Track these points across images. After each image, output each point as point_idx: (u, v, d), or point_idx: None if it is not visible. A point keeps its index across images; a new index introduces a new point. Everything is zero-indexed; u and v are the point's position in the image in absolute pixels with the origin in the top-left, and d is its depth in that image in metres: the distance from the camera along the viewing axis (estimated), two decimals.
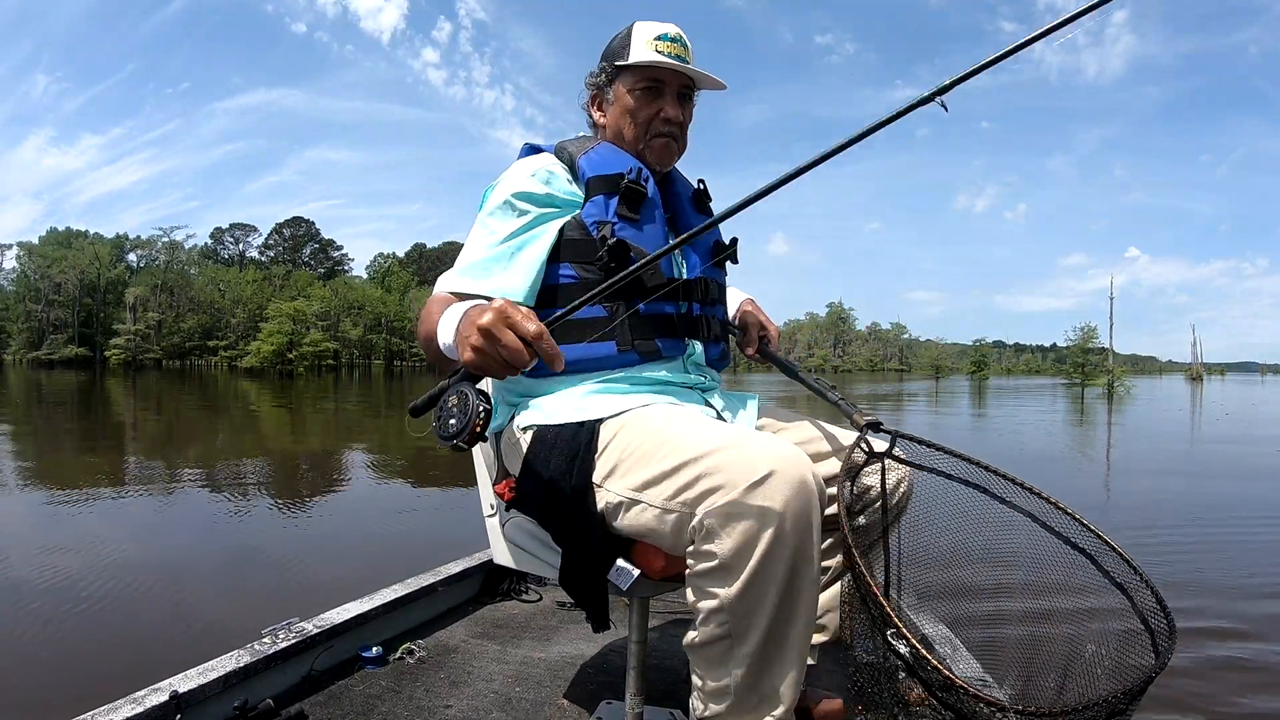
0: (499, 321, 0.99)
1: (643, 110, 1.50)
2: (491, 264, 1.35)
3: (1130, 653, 1.10)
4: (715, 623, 1.10)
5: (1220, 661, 2.96)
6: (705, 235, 1.53)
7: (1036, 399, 30.04)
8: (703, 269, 1.53)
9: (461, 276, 1.34)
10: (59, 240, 71.53)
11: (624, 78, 1.51)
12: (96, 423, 13.95)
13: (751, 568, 1.05)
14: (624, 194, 1.42)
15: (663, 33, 1.49)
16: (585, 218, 1.41)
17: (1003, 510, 1.28)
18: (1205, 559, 4.56)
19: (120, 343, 65.53)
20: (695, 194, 1.61)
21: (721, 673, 1.12)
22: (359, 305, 75.28)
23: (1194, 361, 75.95)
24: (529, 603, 2.46)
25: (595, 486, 1.26)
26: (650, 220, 1.44)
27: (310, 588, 3.88)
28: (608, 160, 1.46)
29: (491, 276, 1.33)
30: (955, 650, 1.82)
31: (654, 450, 1.20)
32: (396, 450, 9.92)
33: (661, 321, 1.42)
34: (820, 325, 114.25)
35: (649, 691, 1.51)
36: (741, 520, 1.05)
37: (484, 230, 1.39)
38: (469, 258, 1.36)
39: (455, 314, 1.15)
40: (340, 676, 1.84)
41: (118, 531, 5.00)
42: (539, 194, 1.40)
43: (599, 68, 1.55)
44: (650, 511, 1.18)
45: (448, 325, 1.15)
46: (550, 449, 1.31)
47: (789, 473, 1.06)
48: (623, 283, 1.17)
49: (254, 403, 20.46)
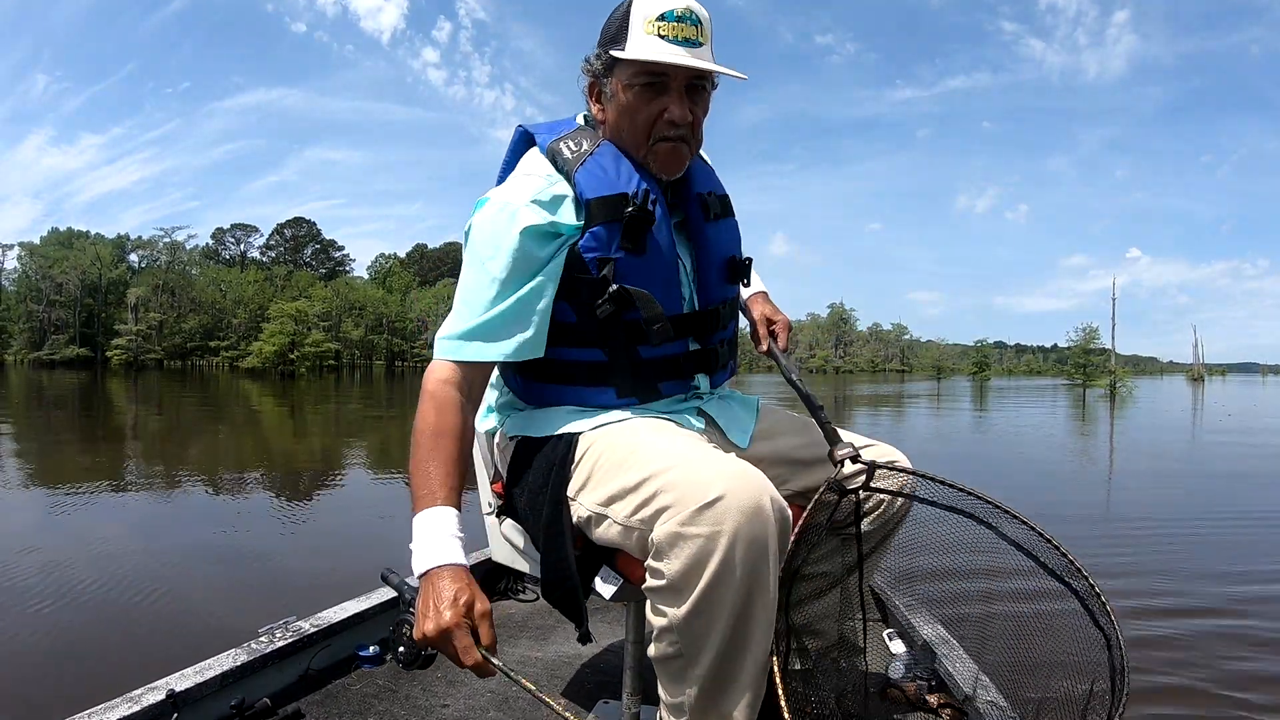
0: (453, 633, 1.00)
1: (642, 110, 1.28)
2: (500, 326, 1.21)
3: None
4: (667, 641, 1.08)
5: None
6: (720, 248, 1.40)
7: (1040, 400, 30.03)
8: (717, 289, 1.39)
9: (472, 343, 1.21)
10: (60, 240, 71.65)
11: (621, 69, 1.27)
12: (97, 423, 13.96)
13: (699, 592, 1.02)
14: (628, 223, 1.25)
15: (667, 10, 1.24)
16: (584, 251, 1.24)
17: (987, 534, 1.28)
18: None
19: (122, 343, 65.56)
20: (712, 197, 1.42)
21: (677, 690, 1.10)
22: (360, 306, 75.33)
23: (1195, 362, 75.95)
24: (526, 602, 2.46)
25: (570, 500, 1.24)
26: (658, 250, 1.28)
27: (307, 587, 3.88)
28: (608, 175, 1.27)
29: (503, 341, 1.21)
30: (952, 651, 1.82)
31: (619, 465, 1.17)
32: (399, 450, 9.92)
33: (667, 364, 1.31)
34: (822, 326, 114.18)
35: (645, 691, 1.51)
36: (688, 543, 1.02)
37: (484, 276, 1.22)
38: (475, 314, 1.21)
39: (426, 537, 1.07)
40: (337, 675, 1.84)
41: (116, 531, 5.01)
42: (543, 226, 1.22)
43: (595, 53, 1.31)
44: (616, 527, 1.15)
45: (420, 542, 1.07)
46: (531, 460, 1.30)
47: (741, 497, 1.02)
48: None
49: (257, 403, 20.49)
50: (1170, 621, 3.42)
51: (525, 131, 1.39)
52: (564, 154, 1.29)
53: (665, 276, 1.29)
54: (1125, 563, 4.43)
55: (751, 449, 1.38)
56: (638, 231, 1.25)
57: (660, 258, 1.28)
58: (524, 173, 1.31)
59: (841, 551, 1.40)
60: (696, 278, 1.37)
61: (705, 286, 1.37)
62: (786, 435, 1.44)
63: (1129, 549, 4.80)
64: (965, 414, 19.55)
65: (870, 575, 1.52)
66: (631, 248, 1.25)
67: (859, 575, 1.41)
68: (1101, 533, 5.41)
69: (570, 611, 1.28)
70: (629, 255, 1.25)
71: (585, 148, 1.30)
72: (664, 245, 1.29)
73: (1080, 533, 5.16)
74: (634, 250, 1.25)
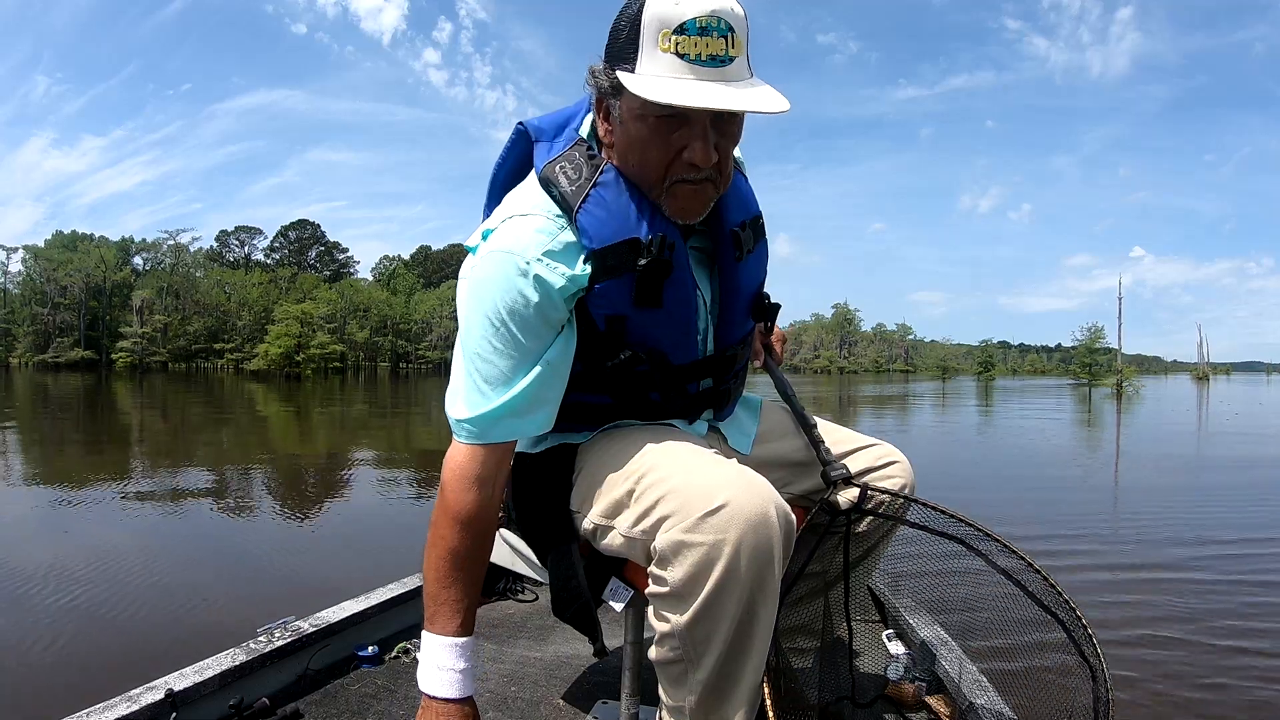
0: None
1: (655, 148, 1.06)
2: (531, 399, 1.10)
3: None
4: (669, 646, 1.07)
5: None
6: (748, 286, 1.25)
7: (1048, 400, 29.96)
8: (738, 329, 1.27)
9: (501, 422, 1.10)
10: (64, 243, 71.92)
11: (631, 94, 1.03)
12: (101, 425, 14.01)
13: (703, 599, 1.00)
14: (641, 275, 1.09)
15: (688, 19, 0.99)
16: (591, 305, 1.11)
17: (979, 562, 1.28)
18: None
19: (126, 345, 65.84)
20: (746, 231, 1.23)
21: (679, 694, 1.10)
22: (365, 308, 75.44)
23: (1200, 361, 75.64)
24: (525, 603, 2.46)
25: (574, 513, 1.23)
26: (675, 303, 1.14)
27: (306, 586, 3.89)
28: (614, 216, 1.09)
29: (534, 414, 1.12)
30: (951, 652, 1.81)
31: (619, 474, 1.14)
32: (403, 450, 9.95)
33: (677, 404, 1.24)
34: (826, 326, 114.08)
35: (644, 692, 1.50)
36: (692, 550, 0.99)
37: (501, 343, 1.08)
38: (499, 387, 1.09)
39: (436, 662, 1.10)
40: (336, 675, 1.84)
41: (115, 530, 5.02)
42: (561, 284, 1.08)
43: (602, 65, 1.09)
44: (620, 538, 1.13)
45: (430, 663, 1.11)
46: (531, 476, 1.28)
47: (746, 504, 0.99)
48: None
49: (264, 405, 20.53)
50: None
51: (524, 130, 1.22)
52: (561, 184, 1.11)
53: (684, 329, 1.18)
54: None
55: (753, 453, 1.36)
56: (652, 284, 1.10)
57: (678, 310, 1.15)
58: (523, 211, 1.12)
59: (834, 555, 1.40)
60: (717, 317, 1.23)
61: (725, 326, 1.24)
62: (788, 437, 1.42)
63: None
64: (984, 420, 19.15)
65: (869, 576, 1.52)
66: (645, 303, 1.11)
67: (844, 579, 1.41)
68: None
69: (584, 627, 1.26)
70: (643, 311, 1.12)
71: (585, 175, 1.11)
72: (682, 297, 1.15)
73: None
74: (648, 304, 1.11)
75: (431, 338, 76.65)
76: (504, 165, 1.27)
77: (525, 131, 1.22)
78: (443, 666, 1.11)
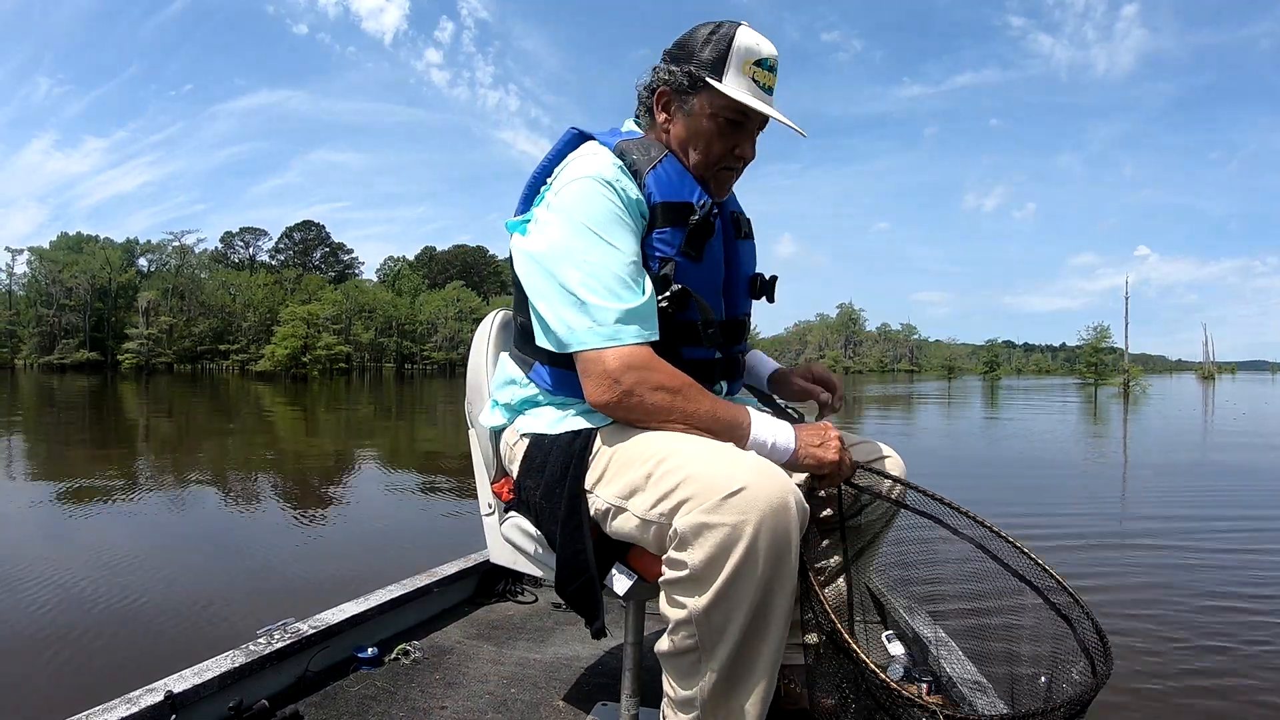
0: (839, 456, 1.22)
1: (721, 142, 1.35)
2: (652, 303, 1.25)
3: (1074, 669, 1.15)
4: (684, 633, 1.10)
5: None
6: (745, 264, 1.48)
7: (1055, 399, 29.80)
8: (741, 303, 1.48)
9: (650, 321, 1.23)
10: (70, 245, 72.20)
11: (710, 95, 1.33)
12: (107, 426, 14.05)
13: (722, 581, 1.04)
14: (692, 230, 1.31)
15: (765, 57, 1.33)
16: (649, 249, 1.30)
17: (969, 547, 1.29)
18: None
19: (132, 347, 66.07)
20: (742, 217, 1.50)
21: (689, 684, 1.11)
22: (370, 309, 75.61)
23: (1206, 360, 75.28)
24: (524, 604, 2.46)
25: (587, 493, 1.26)
26: (712, 259, 1.36)
27: (306, 588, 3.89)
28: (674, 184, 1.32)
29: (654, 321, 1.25)
30: (950, 652, 1.81)
31: (637, 457, 1.19)
32: (406, 451, 9.96)
33: (701, 368, 1.34)
34: (831, 326, 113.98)
35: (644, 693, 1.50)
36: (713, 531, 1.03)
37: (611, 250, 1.23)
38: (633, 291, 1.22)
39: (771, 428, 1.21)
40: (336, 677, 1.84)
41: (116, 531, 5.03)
42: (634, 199, 1.29)
43: (682, 70, 1.35)
44: (634, 520, 1.17)
45: (768, 430, 1.21)
46: (546, 455, 1.32)
47: (764, 489, 1.04)
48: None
49: (272, 407, 20.58)
50: None
51: (580, 132, 1.43)
52: (633, 155, 1.33)
53: (714, 285, 1.38)
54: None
55: None
56: (698, 240, 1.32)
57: (714, 267, 1.37)
58: (592, 153, 1.34)
59: (833, 551, 1.40)
60: (725, 289, 1.43)
61: (732, 299, 1.45)
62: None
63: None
64: (994, 423, 19.18)
65: (867, 576, 1.52)
66: (692, 254, 1.31)
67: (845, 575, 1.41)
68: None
69: (585, 606, 1.28)
70: (687, 260, 1.31)
71: (654, 154, 1.34)
72: (717, 256, 1.37)
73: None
74: (693, 257, 1.32)
75: (436, 338, 76.74)
76: (555, 161, 1.41)
77: (582, 134, 1.43)
78: (773, 423, 1.22)
